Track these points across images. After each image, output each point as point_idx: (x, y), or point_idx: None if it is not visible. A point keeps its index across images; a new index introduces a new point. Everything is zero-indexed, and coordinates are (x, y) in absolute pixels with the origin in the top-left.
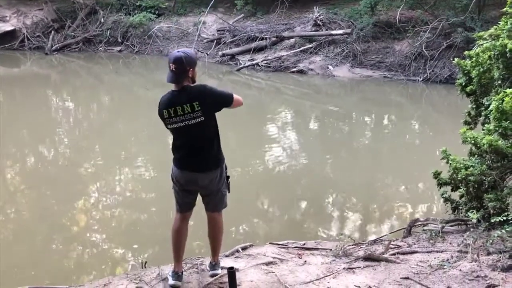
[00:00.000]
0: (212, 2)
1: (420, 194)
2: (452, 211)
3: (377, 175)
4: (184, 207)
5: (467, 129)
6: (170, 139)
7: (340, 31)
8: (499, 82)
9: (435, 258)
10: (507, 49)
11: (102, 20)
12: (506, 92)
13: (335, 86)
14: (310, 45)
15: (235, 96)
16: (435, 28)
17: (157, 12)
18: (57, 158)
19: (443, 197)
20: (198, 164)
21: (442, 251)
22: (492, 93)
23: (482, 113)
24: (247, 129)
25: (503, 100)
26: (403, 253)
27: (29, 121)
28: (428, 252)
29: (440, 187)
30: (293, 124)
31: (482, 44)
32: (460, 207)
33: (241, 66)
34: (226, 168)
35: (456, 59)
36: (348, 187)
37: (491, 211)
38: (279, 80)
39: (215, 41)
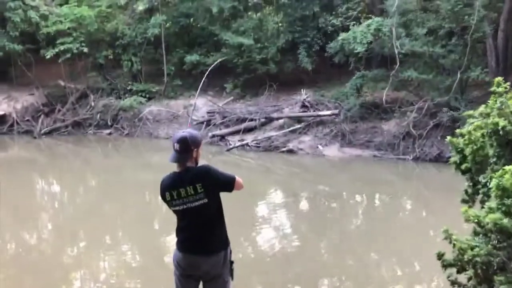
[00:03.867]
0: (200, 85)
1: (419, 277)
2: None
3: (372, 257)
4: None
5: (468, 208)
6: (156, 224)
7: (328, 112)
8: (494, 159)
9: None
10: (500, 127)
11: (93, 104)
12: (505, 169)
13: (325, 165)
14: (299, 126)
15: (237, 179)
16: (420, 108)
17: (147, 96)
18: (39, 244)
19: (449, 280)
20: (201, 247)
21: None
22: (487, 170)
23: (480, 190)
24: (236, 210)
25: (503, 177)
26: None
27: (12, 206)
28: None
29: (445, 269)
30: (284, 204)
31: (473, 123)
32: None
33: (231, 146)
34: (230, 252)
35: (448, 137)
36: (342, 270)
37: None
38: (269, 160)
39: (205, 122)
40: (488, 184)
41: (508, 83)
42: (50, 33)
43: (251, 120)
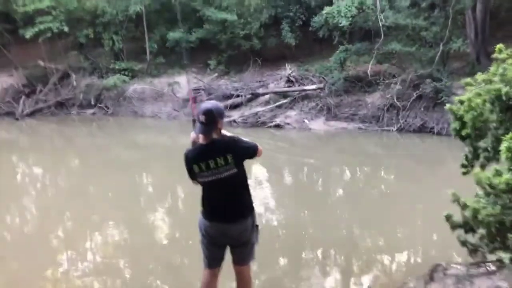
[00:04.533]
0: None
1: (404, 244)
2: (470, 254)
3: (358, 227)
4: (213, 262)
5: (467, 171)
6: (144, 203)
7: (313, 86)
8: (495, 125)
9: None
10: (503, 93)
11: (75, 83)
12: None
13: (312, 139)
14: (285, 101)
15: (258, 146)
16: (404, 80)
17: (130, 74)
18: (24, 226)
19: (460, 241)
20: (230, 214)
21: None
22: (488, 135)
23: (481, 155)
24: None
25: None
26: None
27: None
28: None
29: (454, 230)
30: (269, 178)
31: (472, 90)
32: (479, 249)
33: None
34: (255, 217)
35: (447, 105)
36: (329, 241)
37: None
38: (257, 135)
39: (190, 99)
40: (488, 148)
41: (509, 51)
42: (28, 12)
43: (237, 96)
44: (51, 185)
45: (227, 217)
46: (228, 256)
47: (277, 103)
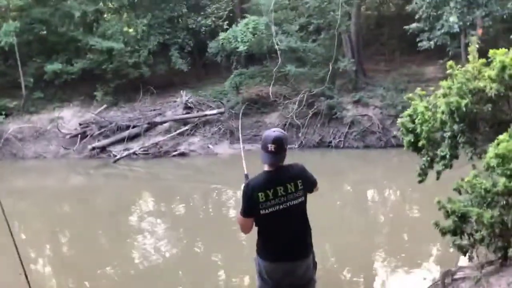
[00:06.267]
0: None
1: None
2: (465, 255)
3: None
4: None
5: (423, 179)
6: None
7: (214, 111)
8: (449, 134)
9: None
10: (463, 105)
11: None
12: (499, 139)
13: (217, 163)
14: (186, 127)
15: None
16: (300, 100)
17: (3, 112)
18: None
19: (455, 244)
20: (299, 251)
21: None
22: (443, 145)
23: (440, 163)
24: (110, 224)
25: (499, 147)
26: None
27: None
28: None
29: (444, 236)
30: (167, 211)
31: (418, 104)
32: (475, 251)
33: (117, 157)
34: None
35: (399, 120)
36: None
37: None
38: (160, 166)
39: (79, 135)
40: (447, 156)
41: (459, 66)
42: None
43: (134, 127)
44: None
45: (295, 254)
46: None
47: (178, 131)
